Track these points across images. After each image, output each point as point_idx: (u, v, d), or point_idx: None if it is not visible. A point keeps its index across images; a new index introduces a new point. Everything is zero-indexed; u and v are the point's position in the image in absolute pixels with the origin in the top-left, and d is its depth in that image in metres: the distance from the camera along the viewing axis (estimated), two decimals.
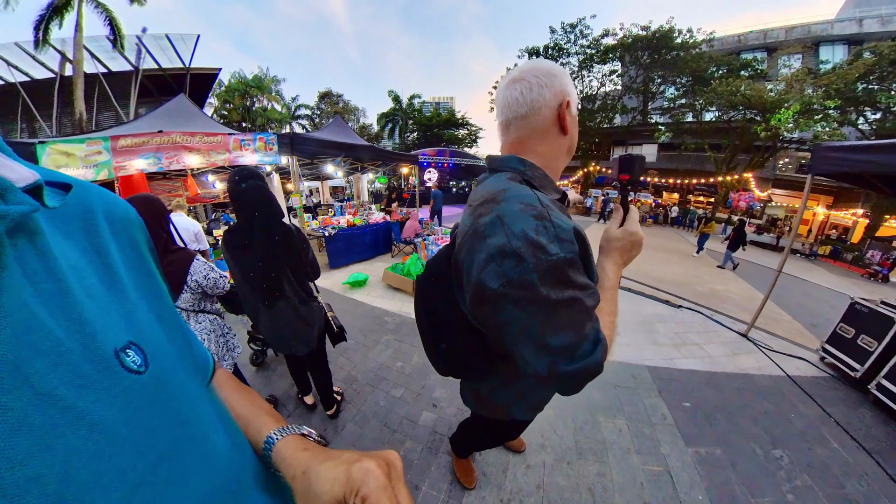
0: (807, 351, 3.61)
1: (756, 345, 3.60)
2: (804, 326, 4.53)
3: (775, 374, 3.08)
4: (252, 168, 1.62)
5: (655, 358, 3.15)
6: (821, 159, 2.90)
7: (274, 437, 0.43)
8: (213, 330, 1.69)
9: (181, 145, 3.59)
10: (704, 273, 7.26)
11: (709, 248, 10.24)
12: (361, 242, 6.51)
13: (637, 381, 2.80)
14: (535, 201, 0.61)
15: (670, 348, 3.35)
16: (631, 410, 2.45)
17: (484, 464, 1.90)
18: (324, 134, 7.29)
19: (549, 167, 0.75)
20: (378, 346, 3.13)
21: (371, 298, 4.43)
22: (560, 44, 19.24)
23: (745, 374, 3.01)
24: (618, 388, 2.68)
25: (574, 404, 2.47)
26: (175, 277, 1.52)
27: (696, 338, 3.66)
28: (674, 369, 2.97)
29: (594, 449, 2.08)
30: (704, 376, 2.91)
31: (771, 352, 3.49)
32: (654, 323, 3.96)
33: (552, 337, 0.57)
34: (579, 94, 20.57)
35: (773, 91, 14.32)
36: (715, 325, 4.10)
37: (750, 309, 4.90)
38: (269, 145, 4.43)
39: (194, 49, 16.75)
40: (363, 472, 0.32)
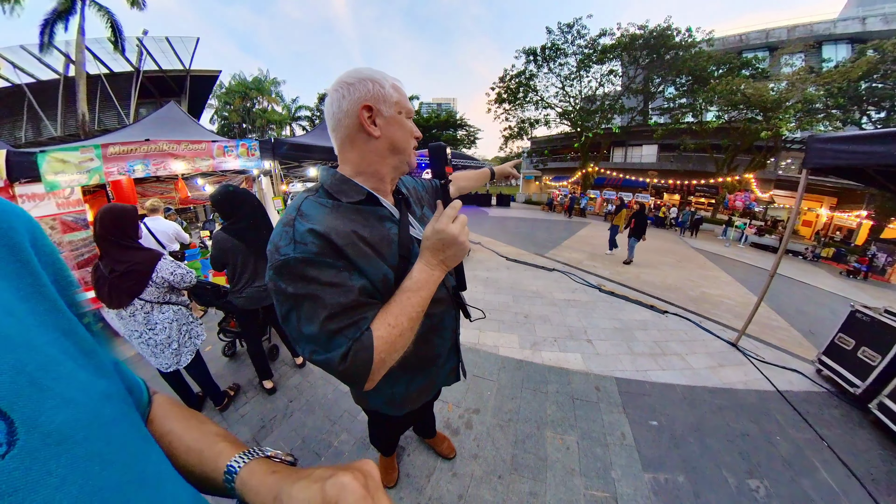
0: (802, 362, 3.31)
1: (746, 355, 3.29)
2: (802, 334, 4.22)
3: (764, 388, 2.78)
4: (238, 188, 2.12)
5: (628, 369, 2.85)
6: (815, 152, 2.60)
7: (235, 465, 0.40)
8: (177, 319, 1.95)
9: (168, 152, 3.79)
10: (697, 276, 6.92)
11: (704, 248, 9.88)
12: None
13: (600, 393, 2.51)
14: (293, 211, 0.70)
15: (647, 358, 3.05)
16: (586, 427, 2.18)
17: (410, 465, 1.88)
18: (307, 139, 7.45)
19: (368, 171, 0.79)
20: None
21: None
22: (557, 44, 19.04)
23: (728, 388, 2.70)
24: (576, 401, 2.41)
25: (521, 415, 2.26)
26: (140, 276, 1.77)
27: (679, 347, 3.35)
28: (646, 382, 2.68)
29: (532, 466, 1.89)
30: (681, 391, 2.60)
31: (762, 363, 3.18)
32: (633, 330, 3.65)
33: (304, 326, 0.64)
34: (578, 94, 20.36)
35: (774, 90, 14.03)
36: (702, 332, 3.79)
37: (744, 316, 4.59)
38: (252, 151, 4.59)
39: (194, 51, 17.10)
40: (339, 488, 0.31)
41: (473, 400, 2.46)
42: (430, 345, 1.00)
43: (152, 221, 3.43)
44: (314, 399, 2.41)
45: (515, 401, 2.43)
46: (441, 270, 0.73)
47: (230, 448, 0.42)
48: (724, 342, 3.55)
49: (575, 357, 2.99)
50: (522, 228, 12.35)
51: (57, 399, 0.24)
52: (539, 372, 2.76)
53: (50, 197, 3.12)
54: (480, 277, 5.49)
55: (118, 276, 1.72)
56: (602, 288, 5.11)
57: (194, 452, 0.41)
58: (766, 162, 16.72)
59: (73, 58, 13.52)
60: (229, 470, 0.39)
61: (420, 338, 0.77)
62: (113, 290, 1.75)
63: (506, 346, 3.22)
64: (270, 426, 2.18)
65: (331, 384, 2.56)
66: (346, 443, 2.04)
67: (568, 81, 20.08)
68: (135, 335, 1.86)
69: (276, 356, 2.99)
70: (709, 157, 18.13)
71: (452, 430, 2.17)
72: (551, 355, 3.02)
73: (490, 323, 3.72)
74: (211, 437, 0.44)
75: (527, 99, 21.38)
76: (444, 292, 0.95)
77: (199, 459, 0.41)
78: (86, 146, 3.34)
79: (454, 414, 2.31)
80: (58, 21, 12.37)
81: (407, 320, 0.68)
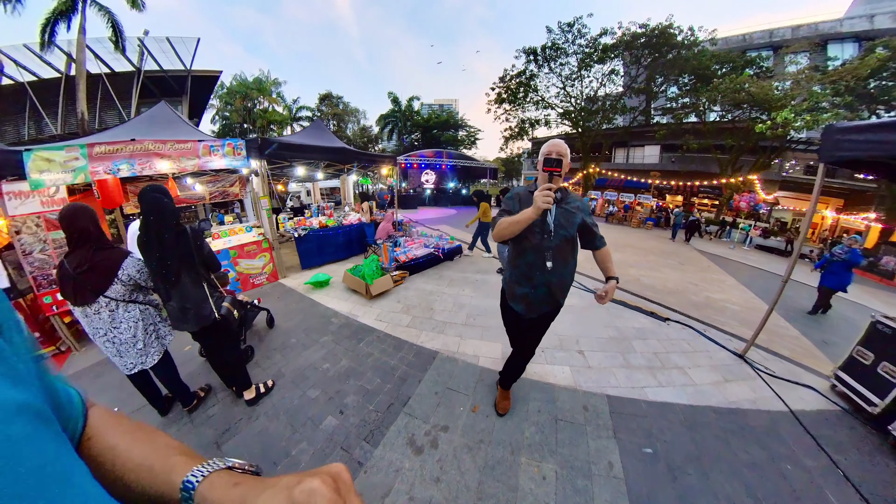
0: (816, 377, 3.02)
1: (754, 368, 3.00)
2: (814, 344, 3.91)
3: (774, 408, 2.49)
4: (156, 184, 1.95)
5: (622, 385, 2.57)
6: (832, 144, 2.31)
7: (193, 479, 0.36)
8: (143, 318, 1.96)
9: (153, 152, 3.82)
10: (701, 279, 6.62)
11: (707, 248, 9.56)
12: (334, 243, 6.62)
13: (588, 414, 2.24)
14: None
15: (645, 373, 2.76)
16: (568, 454, 1.91)
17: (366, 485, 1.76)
18: (297, 138, 7.35)
19: None
20: (315, 346, 3.18)
21: (328, 299, 4.42)
22: (558, 43, 18.75)
23: (735, 408, 2.42)
24: (560, 423, 2.14)
25: (495, 437, 2.00)
26: (104, 272, 1.80)
27: (681, 359, 3.06)
28: (643, 401, 2.39)
29: (500, 497, 1.66)
30: (681, 412, 2.32)
31: (772, 377, 2.90)
32: (631, 340, 3.37)
33: None
34: (578, 94, 20.10)
35: (779, 88, 13.69)
36: (706, 342, 3.50)
37: (751, 322, 4.29)
38: (238, 150, 4.57)
39: (195, 52, 17.06)
40: (307, 494, 0.30)
41: (444, 415, 2.20)
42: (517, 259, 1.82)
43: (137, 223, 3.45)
44: (280, 404, 2.35)
45: (490, 419, 2.17)
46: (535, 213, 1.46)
47: (186, 461, 0.39)
48: (730, 353, 3.26)
49: (563, 371, 2.72)
50: None
51: None
52: (521, 386, 2.49)
53: (35, 195, 3.18)
54: (470, 280, 5.23)
55: (83, 273, 1.75)
56: (599, 292, 4.80)
57: (144, 469, 0.39)
58: (770, 163, 16.35)
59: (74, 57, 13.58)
60: (186, 486, 0.36)
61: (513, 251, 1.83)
62: (77, 288, 1.77)
63: (487, 355, 2.96)
64: (235, 430, 2.13)
65: (299, 389, 2.49)
66: (305, 452, 1.97)
67: (569, 81, 19.79)
68: (99, 333, 1.86)
69: (251, 357, 2.93)
70: (712, 158, 17.78)
71: (416, 447, 1.94)
72: (536, 368, 2.74)
73: (473, 330, 3.46)
74: (162, 450, 0.41)
75: (527, 99, 21.11)
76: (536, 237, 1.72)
77: (150, 476, 0.38)
78: (71, 145, 3.38)
79: (420, 430, 2.05)
80: (59, 20, 12.50)
81: (508, 224, 1.58)
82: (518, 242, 1.76)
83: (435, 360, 2.90)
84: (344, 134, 32.92)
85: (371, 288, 4.49)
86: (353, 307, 4.18)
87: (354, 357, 2.97)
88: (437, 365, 2.83)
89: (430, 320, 3.75)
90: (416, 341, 3.27)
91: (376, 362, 2.90)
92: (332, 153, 6.67)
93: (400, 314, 3.97)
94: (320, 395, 2.44)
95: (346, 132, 33.34)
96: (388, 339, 3.34)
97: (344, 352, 3.06)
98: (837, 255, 5.04)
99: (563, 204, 1.73)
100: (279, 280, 5.42)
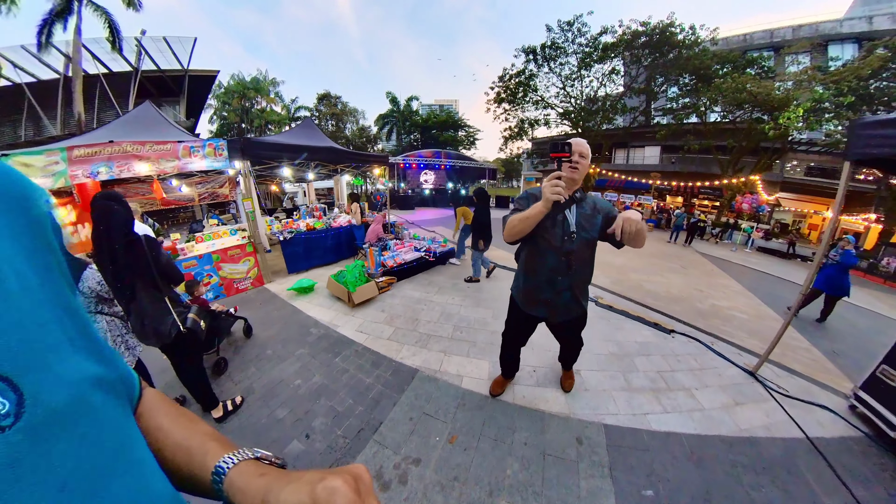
0: (831, 395, 2.76)
1: (766, 387, 2.74)
2: (824, 355, 3.66)
3: (790, 434, 2.24)
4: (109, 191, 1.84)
5: (622, 412, 2.30)
6: (860, 140, 2.04)
7: (224, 465, 0.39)
8: (110, 330, 1.93)
9: (131, 154, 3.76)
10: (705, 285, 6.34)
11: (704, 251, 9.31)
12: (322, 246, 6.38)
13: (582, 448, 1.97)
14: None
15: (648, 396, 2.49)
16: (555, 497, 1.65)
17: None
18: (282, 138, 7.11)
19: None
20: (290, 358, 3.01)
21: (310, 307, 4.24)
22: (557, 42, 18.53)
23: (747, 436, 2.16)
24: (548, 458, 1.88)
25: (472, 473, 1.75)
26: None
27: (688, 378, 2.79)
28: (644, 432, 2.13)
29: None
30: (688, 443, 2.06)
31: (786, 398, 2.64)
32: (633, 356, 3.09)
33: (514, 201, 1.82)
34: (578, 94, 19.89)
35: (780, 88, 13.49)
36: (714, 357, 3.22)
37: (760, 333, 4.04)
38: (219, 151, 4.46)
39: (192, 51, 17.00)
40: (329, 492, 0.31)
41: (417, 446, 1.95)
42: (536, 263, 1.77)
43: None
44: (247, 424, 2.21)
45: (469, 453, 1.91)
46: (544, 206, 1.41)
47: (219, 448, 0.41)
48: (740, 370, 2.99)
49: (556, 395, 2.45)
50: None
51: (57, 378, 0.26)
52: (507, 413, 2.24)
53: None
54: (460, 287, 4.95)
55: None
56: (599, 301, 4.55)
57: (182, 450, 0.41)
58: (772, 164, 16.15)
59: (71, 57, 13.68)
60: (217, 470, 0.38)
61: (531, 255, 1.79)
62: None
63: (472, 375, 2.69)
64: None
65: (267, 408, 2.35)
66: None
67: (569, 81, 19.57)
68: None
69: (224, 370, 2.80)
70: (713, 159, 17.58)
71: (382, 482, 1.71)
72: (526, 391, 2.48)
73: (459, 345, 3.19)
74: (200, 435, 0.44)
75: (526, 99, 20.89)
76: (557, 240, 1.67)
77: (187, 457, 0.41)
78: (51, 149, 3.35)
79: (389, 462, 1.80)
80: (56, 21, 12.58)
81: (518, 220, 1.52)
82: (536, 245, 1.72)
83: (414, 380, 2.65)
84: (342, 134, 32.73)
85: (353, 296, 4.23)
86: (334, 316, 3.96)
87: (328, 373, 2.77)
88: (415, 385, 2.58)
89: (413, 333, 3.49)
90: (396, 357, 3.02)
91: (351, 380, 2.68)
92: (319, 153, 6.42)
93: (382, 325, 3.71)
94: (288, 415, 2.27)
95: (345, 132, 33.15)
96: (366, 354, 3.10)
97: (318, 366, 2.87)
98: (831, 258, 4.81)
99: (583, 204, 1.67)
100: (265, 285, 5.20)
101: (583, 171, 1.55)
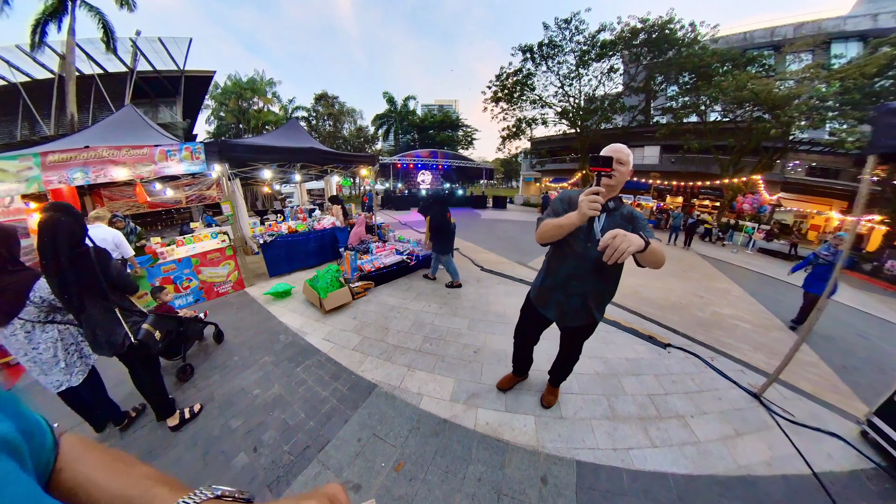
0: (842, 419, 2.44)
1: (771, 412, 2.42)
2: (835, 371, 3.34)
3: (794, 469, 1.92)
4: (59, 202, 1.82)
5: (602, 446, 1.97)
6: (888, 130, 1.73)
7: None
8: (62, 339, 1.90)
9: (107, 159, 3.74)
10: (706, 290, 6.00)
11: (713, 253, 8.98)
12: (304, 249, 6.20)
13: (547, 489, 1.65)
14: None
15: (634, 426, 2.15)
16: None
17: None
18: (263, 139, 6.88)
19: None
20: (254, 367, 2.89)
21: (284, 312, 4.08)
22: (555, 40, 18.21)
23: (745, 475, 1.84)
24: (504, 499, 1.59)
25: None
26: (14, 295, 1.75)
27: (683, 403, 2.45)
28: (626, 470, 1.80)
29: None
30: (676, 486, 1.73)
31: (791, 424, 2.32)
32: (622, 376, 2.73)
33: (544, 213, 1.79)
34: (577, 93, 19.58)
35: (782, 87, 13.16)
36: (714, 376, 2.89)
37: (765, 346, 3.71)
38: (196, 154, 4.43)
39: (187, 52, 16.90)
40: None
41: (360, 470, 1.70)
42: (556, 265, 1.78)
43: (94, 230, 3.29)
44: (201, 433, 2.14)
45: (414, 484, 1.62)
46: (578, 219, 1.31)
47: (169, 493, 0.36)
48: (743, 391, 2.66)
49: (524, 422, 2.11)
50: (511, 232, 11.49)
51: None
52: (464, 441, 1.94)
53: None
54: (440, 293, 4.63)
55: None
56: None
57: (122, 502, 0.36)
58: (773, 163, 15.80)
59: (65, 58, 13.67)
60: None
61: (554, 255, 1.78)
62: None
63: (433, 394, 2.39)
64: (154, 455, 1.98)
65: (222, 417, 2.26)
66: None
67: (567, 80, 19.25)
68: (20, 353, 1.84)
69: (189, 376, 2.73)
70: (713, 159, 17.26)
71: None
72: (491, 416, 2.16)
73: (426, 359, 2.87)
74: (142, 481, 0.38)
75: (523, 97, 20.57)
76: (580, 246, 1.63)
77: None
78: (24, 154, 3.35)
79: None
80: (49, 21, 12.43)
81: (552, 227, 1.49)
82: (560, 248, 1.72)
83: (370, 396, 2.40)
84: (340, 134, 32.50)
85: (325, 302, 3.92)
86: (305, 323, 3.77)
87: (287, 384, 2.62)
88: (371, 402, 2.32)
89: (380, 343, 3.19)
90: (357, 369, 2.75)
91: (307, 392, 2.47)
92: (302, 154, 6.10)
93: (351, 333, 3.41)
94: (241, 426, 2.18)
95: (343, 132, 32.92)
96: (327, 365, 2.85)
97: (279, 376, 2.74)
98: (823, 256, 4.44)
99: (614, 213, 1.62)
100: (245, 289, 5.02)
101: (622, 178, 1.51)
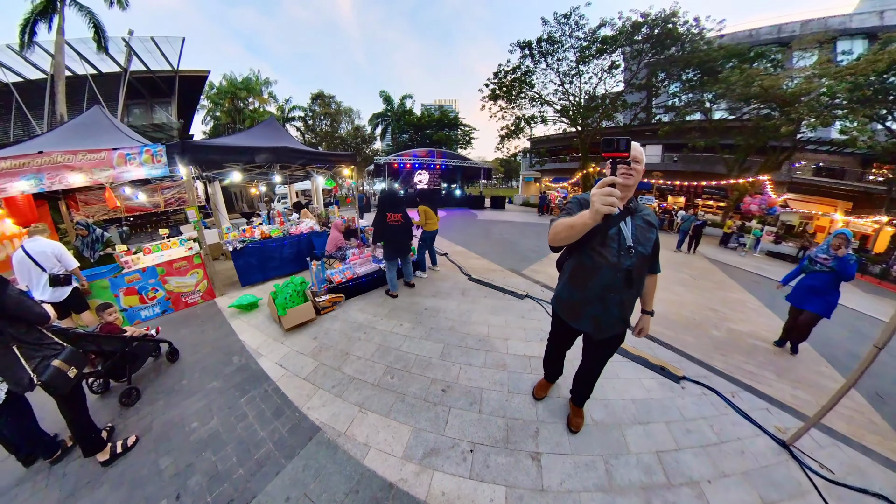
0: (886, 471, 1.97)
1: (803, 467, 1.94)
2: (868, 402, 2.84)
3: None
4: None
5: None
6: None
7: None
8: None
9: (62, 164, 3.60)
10: (719, 301, 5.43)
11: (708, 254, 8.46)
12: (278, 256, 5.77)
13: None
14: None
15: (636, 499, 1.66)
16: None
17: None
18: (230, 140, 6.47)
19: None
20: (199, 393, 2.62)
21: (246, 328, 3.76)
22: (554, 36, 17.71)
23: None
24: None
25: None
26: None
27: (699, 462, 1.94)
28: None
29: None
30: None
31: (829, 483, 1.84)
32: (625, 427, 2.19)
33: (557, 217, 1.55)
34: (577, 91, 19.09)
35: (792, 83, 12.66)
36: (736, 419, 2.37)
37: (790, 371, 3.21)
38: (157, 157, 4.24)
39: (181, 51, 16.68)
40: None
41: None
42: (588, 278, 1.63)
43: (31, 243, 3.11)
44: (129, 471, 1.94)
45: None
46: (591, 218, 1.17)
47: None
48: (770, 439, 2.16)
49: (493, 495, 1.63)
50: (508, 235, 10.98)
51: None
52: None
53: None
54: (417, 307, 4.11)
55: None
56: None
57: None
58: (781, 163, 15.30)
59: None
60: None
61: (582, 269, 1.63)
62: None
63: (382, 447, 1.93)
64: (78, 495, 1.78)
65: (154, 454, 2.05)
66: None
67: (567, 78, 18.75)
68: None
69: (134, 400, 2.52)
70: (717, 158, 16.76)
71: None
72: (449, 484, 1.69)
73: (383, 396, 2.40)
74: None
75: (522, 95, 20.08)
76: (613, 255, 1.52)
77: None
78: None
79: None
80: (39, 20, 12.22)
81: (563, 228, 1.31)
82: (590, 259, 1.59)
83: (310, 443, 1.98)
84: (337, 134, 32.20)
85: (283, 320, 3.46)
86: (263, 342, 3.39)
87: (227, 417, 2.33)
88: (309, 451, 1.92)
89: (335, 372, 2.72)
90: (304, 405, 2.33)
91: (245, 430, 2.13)
92: (270, 153, 5.57)
93: (307, 358, 2.96)
94: (169, 466, 1.96)
95: (340, 132, 32.60)
96: (273, 397, 2.45)
97: (221, 407, 2.44)
98: (821, 261, 3.32)
99: (638, 216, 1.56)
100: (215, 298, 4.70)
101: (637, 178, 1.40)
